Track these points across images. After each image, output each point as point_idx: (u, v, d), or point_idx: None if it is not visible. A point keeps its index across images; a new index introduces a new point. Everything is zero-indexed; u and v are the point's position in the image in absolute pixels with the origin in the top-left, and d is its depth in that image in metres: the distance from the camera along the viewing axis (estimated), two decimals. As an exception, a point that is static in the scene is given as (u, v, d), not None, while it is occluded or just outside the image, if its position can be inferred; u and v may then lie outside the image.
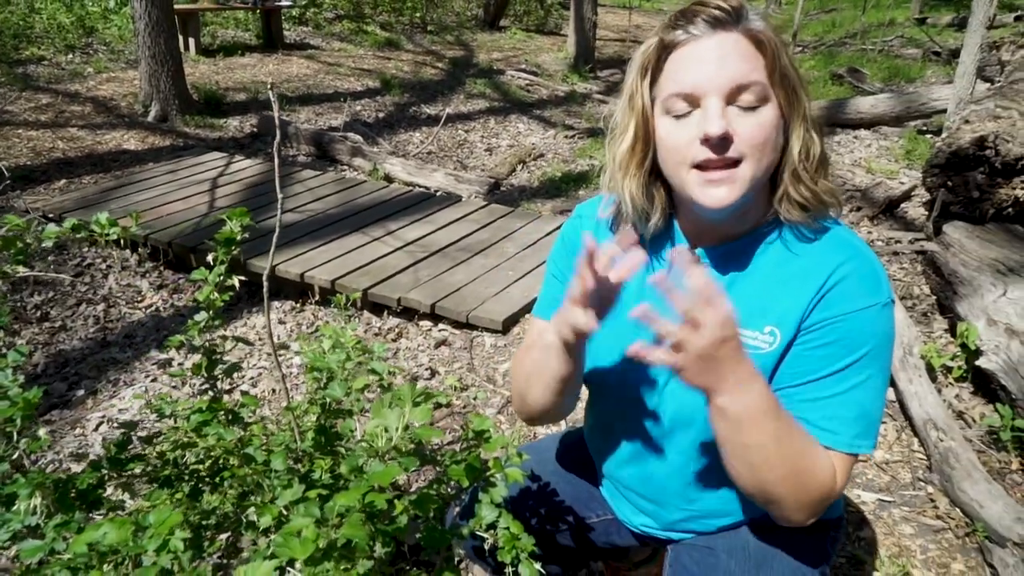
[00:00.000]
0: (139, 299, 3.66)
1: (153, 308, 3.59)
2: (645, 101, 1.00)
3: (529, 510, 1.37)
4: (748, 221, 1.05)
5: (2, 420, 0.87)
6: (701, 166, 0.96)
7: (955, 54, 5.55)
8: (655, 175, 1.06)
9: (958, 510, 2.07)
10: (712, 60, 0.94)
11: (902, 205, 4.44)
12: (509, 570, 1.09)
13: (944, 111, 5.40)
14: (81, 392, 2.95)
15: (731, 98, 0.94)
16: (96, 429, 2.71)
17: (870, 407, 1.01)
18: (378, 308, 3.39)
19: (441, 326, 3.27)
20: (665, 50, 0.97)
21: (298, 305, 3.54)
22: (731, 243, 1.07)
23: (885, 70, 8.13)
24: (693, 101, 0.95)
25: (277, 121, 1.28)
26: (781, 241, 1.05)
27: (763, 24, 0.97)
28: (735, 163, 0.95)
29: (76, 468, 2.39)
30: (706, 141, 0.94)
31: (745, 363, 0.91)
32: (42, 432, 0.94)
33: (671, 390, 1.14)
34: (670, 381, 1.13)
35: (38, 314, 3.42)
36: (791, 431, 0.97)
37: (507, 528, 1.11)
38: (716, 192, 0.96)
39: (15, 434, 0.90)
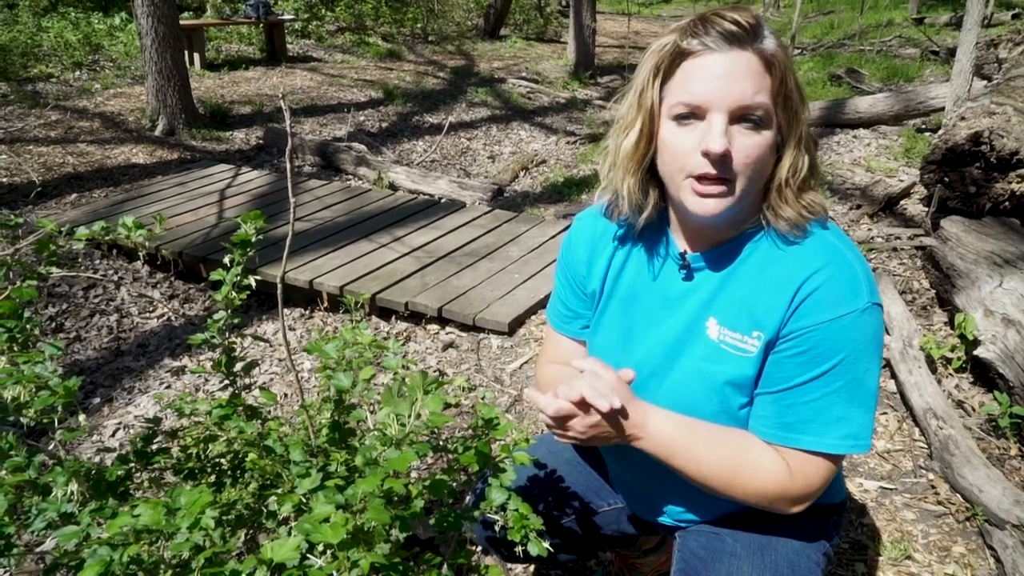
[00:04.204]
0: (151, 309, 3.73)
1: (165, 318, 3.66)
2: (655, 100, 1.04)
3: (536, 496, 1.42)
4: (737, 226, 1.10)
5: (42, 410, 0.92)
6: (697, 176, 1.01)
7: (953, 53, 5.59)
8: (652, 172, 1.11)
9: (958, 495, 2.11)
10: (723, 77, 0.97)
11: (901, 202, 4.48)
12: (519, 549, 1.14)
13: (942, 109, 5.43)
14: (97, 400, 3.01)
15: (735, 116, 0.98)
16: (113, 435, 2.77)
17: (851, 410, 1.05)
18: (386, 313, 3.45)
19: (448, 329, 3.33)
20: (680, 56, 1.01)
21: (307, 312, 3.60)
22: (721, 247, 1.12)
23: (884, 70, 8.18)
24: (699, 113, 0.99)
25: (288, 129, 1.34)
26: (766, 245, 1.09)
27: (775, 45, 1.00)
28: (728, 179, 1.00)
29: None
30: (706, 155, 0.99)
31: (632, 417, 1.08)
32: (82, 418, 0.99)
33: (668, 388, 1.17)
34: (668, 376, 1.17)
35: (53, 325, 3.49)
36: (714, 442, 1.10)
37: (516, 510, 1.17)
38: (707, 203, 1.02)
39: (55, 422, 0.95)
